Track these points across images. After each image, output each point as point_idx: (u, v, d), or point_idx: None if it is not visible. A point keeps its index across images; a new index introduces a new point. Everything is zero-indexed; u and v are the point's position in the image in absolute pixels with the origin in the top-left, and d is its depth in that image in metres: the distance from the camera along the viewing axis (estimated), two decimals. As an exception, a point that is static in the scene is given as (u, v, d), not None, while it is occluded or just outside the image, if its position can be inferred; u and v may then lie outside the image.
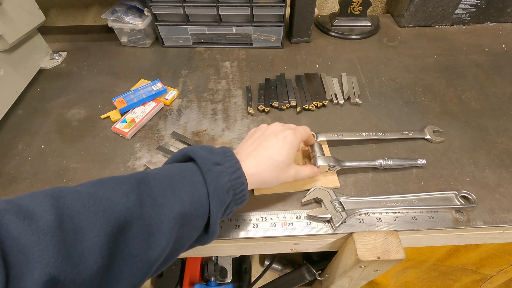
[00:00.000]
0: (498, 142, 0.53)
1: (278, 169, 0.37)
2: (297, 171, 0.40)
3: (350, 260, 0.43)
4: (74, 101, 0.63)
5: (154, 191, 0.29)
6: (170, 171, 0.32)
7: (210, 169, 0.33)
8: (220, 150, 0.36)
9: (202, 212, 0.32)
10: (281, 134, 0.39)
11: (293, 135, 0.39)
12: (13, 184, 0.49)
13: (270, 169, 0.37)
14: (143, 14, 0.74)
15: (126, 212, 0.26)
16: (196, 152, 0.34)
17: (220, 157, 0.35)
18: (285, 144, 0.38)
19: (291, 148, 0.39)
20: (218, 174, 0.33)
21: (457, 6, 0.77)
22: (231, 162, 0.35)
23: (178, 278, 0.85)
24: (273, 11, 0.69)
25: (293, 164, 0.40)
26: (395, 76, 0.67)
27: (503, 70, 0.67)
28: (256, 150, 0.38)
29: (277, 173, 0.38)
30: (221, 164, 0.34)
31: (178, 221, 0.29)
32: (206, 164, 0.33)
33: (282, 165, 0.38)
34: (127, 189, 0.28)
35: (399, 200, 0.44)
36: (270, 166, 0.37)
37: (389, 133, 0.53)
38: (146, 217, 0.27)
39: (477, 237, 0.45)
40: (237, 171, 0.34)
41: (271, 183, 0.38)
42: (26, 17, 0.63)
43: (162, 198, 0.29)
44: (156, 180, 0.30)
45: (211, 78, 0.68)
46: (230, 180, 0.33)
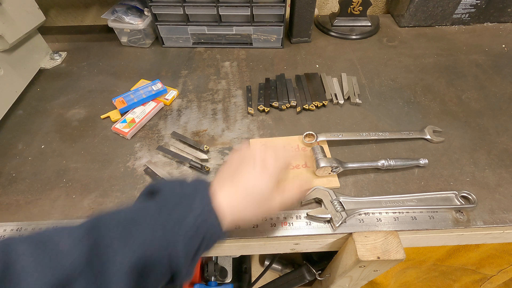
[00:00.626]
0: (498, 142, 0.53)
1: (256, 203, 0.33)
2: (282, 201, 0.35)
3: (350, 260, 0.43)
4: (74, 101, 0.63)
5: (106, 240, 0.26)
6: (129, 215, 0.29)
7: (173, 209, 0.29)
8: (191, 184, 0.32)
9: (165, 259, 0.28)
10: (260, 160, 0.35)
11: (274, 162, 0.35)
12: (13, 184, 0.49)
13: (247, 204, 0.33)
14: (143, 14, 0.74)
15: (72, 267, 0.24)
16: (162, 188, 0.31)
17: (190, 190, 0.31)
18: (264, 172, 0.34)
19: (271, 177, 0.34)
20: (183, 216, 0.29)
21: (457, 6, 0.77)
22: (202, 199, 0.31)
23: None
24: (273, 11, 0.69)
25: (275, 194, 0.34)
26: (395, 76, 0.67)
27: (503, 70, 0.67)
28: (231, 179, 0.34)
29: (256, 208, 0.33)
30: (189, 202, 0.30)
31: (132, 272, 0.26)
32: (169, 203, 0.30)
33: (260, 198, 0.33)
34: (77, 240, 0.26)
35: (399, 200, 0.44)
36: (246, 198, 0.33)
37: (389, 133, 0.53)
38: (96, 271, 0.25)
39: (477, 237, 0.45)
40: (207, 210, 0.30)
41: (251, 220, 0.34)
42: (26, 17, 0.63)
43: (115, 249, 0.26)
44: (109, 227, 0.27)
45: (211, 78, 0.68)
46: (197, 221, 0.29)
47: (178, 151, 0.52)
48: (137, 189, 0.48)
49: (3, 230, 0.43)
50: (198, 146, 0.52)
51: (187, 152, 0.52)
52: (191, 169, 0.50)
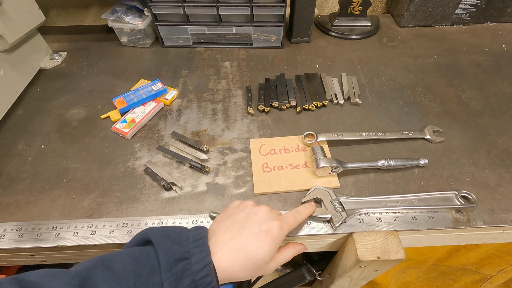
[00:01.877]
0: (498, 142, 0.53)
1: (255, 267, 0.33)
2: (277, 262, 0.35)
3: (350, 260, 0.43)
4: (74, 101, 0.63)
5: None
6: (125, 266, 0.28)
7: (170, 268, 0.28)
8: (191, 237, 0.32)
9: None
10: (265, 225, 0.34)
11: (279, 228, 0.34)
12: (13, 184, 0.49)
13: (245, 267, 0.32)
14: (143, 14, 0.74)
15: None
16: (160, 240, 0.30)
17: (188, 247, 0.30)
18: (267, 239, 0.33)
19: (274, 244, 0.33)
20: (180, 275, 0.28)
21: (457, 6, 0.77)
22: (201, 255, 0.30)
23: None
24: (273, 11, 0.69)
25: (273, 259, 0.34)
26: (395, 76, 0.67)
27: (503, 70, 0.67)
28: (233, 240, 0.33)
29: (252, 271, 0.33)
30: (187, 258, 0.29)
31: None
32: (167, 261, 0.29)
33: (260, 263, 0.33)
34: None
35: (399, 200, 0.44)
36: (246, 263, 0.32)
37: (389, 133, 0.53)
38: None
39: (477, 237, 0.45)
40: (205, 267, 0.29)
41: (245, 278, 0.33)
42: (26, 17, 0.63)
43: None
44: (104, 279, 0.26)
45: (211, 78, 0.68)
46: (195, 280, 0.29)
47: (178, 151, 0.52)
48: (137, 189, 0.48)
49: (3, 230, 0.43)
50: (198, 146, 0.52)
51: (187, 152, 0.52)
52: (191, 169, 0.50)
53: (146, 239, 0.32)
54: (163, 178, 0.48)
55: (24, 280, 0.25)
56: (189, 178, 0.49)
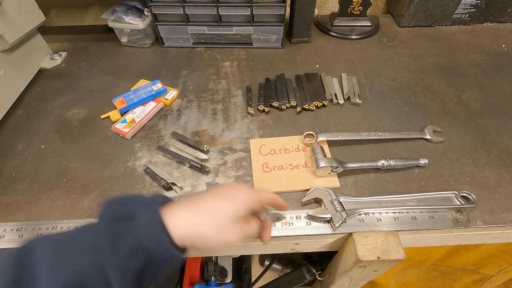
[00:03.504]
0: (498, 142, 0.53)
1: (219, 223, 0.31)
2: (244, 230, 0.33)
3: (350, 260, 0.43)
4: (74, 101, 0.63)
5: (37, 264, 0.25)
6: (68, 235, 0.27)
7: (109, 227, 0.27)
8: (142, 199, 0.30)
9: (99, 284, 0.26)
10: (233, 190, 0.33)
11: (245, 194, 0.33)
12: (13, 184, 0.49)
13: (207, 222, 0.31)
14: (143, 14, 0.74)
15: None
16: (105, 204, 0.29)
17: (136, 207, 0.29)
18: (232, 201, 0.32)
19: (240, 204, 0.32)
20: (120, 234, 0.27)
21: (457, 6, 0.77)
22: (148, 214, 0.28)
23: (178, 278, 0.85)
24: (273, 11, 0.69)
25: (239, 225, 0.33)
26: (395, 76, 0.67)
27: (503, 70, 0.67)
28: (198, 204, 0.32)
29: (216, 228, 0.31)
30: (132, 218, 0.28)
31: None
32: (108, 220, 0.28)
33: (223, 217, 0.31)
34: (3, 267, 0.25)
35: (399, 200, 0.44)
36: (208, 218, 0.31)
37: (389, 133, 0.53)
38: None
39: (477, 237, 0.45)
40: (153, 227, 0.28)
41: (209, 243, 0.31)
42: (26, 17, 0.63)
43: (44, 274, 0.25)
44: (43, 250, 0.26)
45: (211, 78, 0.68)
46: (140, 240, 0.27)
47: (178, 151, 0.52)
48: (137, 189, 0.48)
49: (3, 230, 0.43)
50: (198, 146, 0.52)
51: (187, 152, 0.52)
52: (191, 169, 0.50)
53: None
54: (163, 178, 0.48)
55: None
56: (189, 178, 0.49)
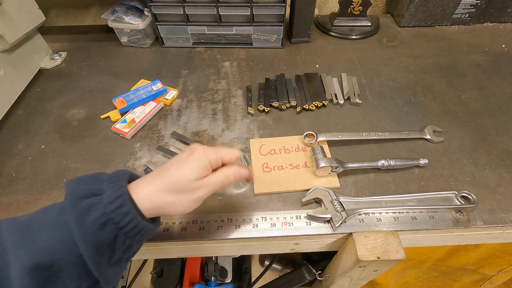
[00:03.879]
0: (498, 142, 0.53)
1: (179, 188, 0.31)
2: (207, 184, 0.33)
3: (350, 260, 0.43)
4: (74, 101, 0.63)
5: (5, 246, 0.25)
6: (32, 216, 0.28)
7: (75, 205, 0.27)
8: (106, 176, 0.31)
9: (73, 260, 0.26)
10: (187, 155, 0.33)
11: (202, 150, 0.33)
12: (13, 184, 0.49)
13: (168, 189, 0.31)
14: (143, 14, 0.74)
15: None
16: (70, 183, 0.29)
17: (100, 185, 0.29)
18: (188, 159, 0.32)
19: (196, 164, 0.32)
20: (87, 209, 0.27)
21: (457, 6, 0.77)
22: (112, 189, 0.29)
23: (178, 278, 0.85)
24: (273, 11, 0.69)
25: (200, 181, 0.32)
26: (395, 76, 0.67)
27: (503, 70, 0.67)
28: (159, 174, 0.32)
29: (178, 193, 0.31)
30: (97, 194, 0.28)
31: (37, 276, 0.25)
32: (72, 198, 0.28)
33: (182, 182, 0.31)
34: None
35: (399, 200, 0.44)
36: (167, 184, 0.31)
37: (389, 133, 0.53)
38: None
39: (477, 237, 0.45)
40: (117, 198, 0.28)
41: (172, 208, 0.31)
42: (26, 17, 0.63)
43: (13, 252, 0.25)
44: (7, 231, 0.26)
45: (211, 78, 0.68)
46: (106, 212, 0.27)
47: (178, 151, 0.52)
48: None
49: (3, 230, 0.43)
50: (198, 146, 0.52)
51: (187, 152, 0.52)
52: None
53: None
54: None
55: None
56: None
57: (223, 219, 0.44)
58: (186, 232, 0.42)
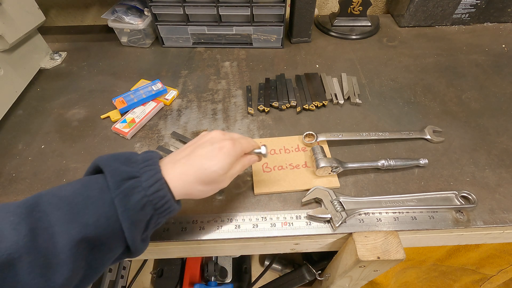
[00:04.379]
0: (498, 142, 0.53)
1: (209, 179, 0.33)
2: (231, 174, 0.36)
3: (350, 260, 0.43)
4: (74, 101, 0.63)
5: (50, 218, 0.27)
6: (74, 191, 0.29)
7: (119, 186, 0.29)
8: (140, 158, 0.33)
9: (114, 234, 0.29)
10: (218, 144, 0.35)
11: (232, 145, 0.35)
12: (13, 184, 0.49)
13: (199, 180, 0.33)
14: (143, 14, 0.74)
15: (12, 248, 0.24)
16: (107, 163, 0.31)
17: (137, 167, 0.31)
18: (219, 154, 0.34)
19: (227, 159, 0.34)
20: (130, 191, 0.29)
21: (457, 6, 0.77)
22: (150, 172, 0.31)
23: (178, 278, 0.85)
24: (273, 11, 0.69)
25: (228, 174, 0.35)
26: (395, 76, 0.67)
27: (503, 70, 0.67)
28: (187, 158, 0.34)
29: (207, 183, 0.34)
30: (136, 177, 0.30)
31: (82, 247, 0.27)
32: (115, 180, 0.29)
33: (213, 176, 0.33)
34: (16, 220, 0.26)
35: (399, 200, 0.44)
36: (199, 176, 0.33)
37: (389, 133, 0.53)
38: (41, 249, 0.25)
39: (477, 237, 0.45)
40: (156, 183, 0.30)
41: (201, 195, 0.34)
42: (26, 17, 0.63)
43: (60, 226, 0.26)
44: (53, 204, 0.27)
45: (211, 78, 0.68)
46: (146, 195, 0.30)
47: (178, 151, 0.52)
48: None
49: (3, 230, 0.43)
50: (198, 146, 0.52)
51: (187, 152, 0.52)
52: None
53: (96, 168, 0.32)
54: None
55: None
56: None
57: (223, 219, 0.44)
58: (186, 232, 0.42)
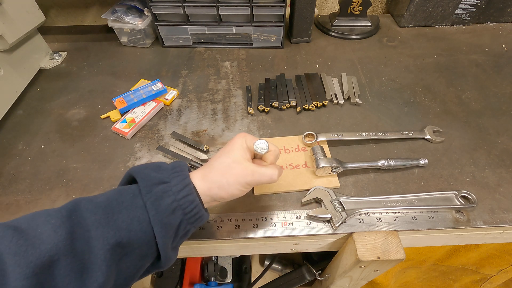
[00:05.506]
0: (498, 142, 0.53)
1: (224, 168, 0.33)
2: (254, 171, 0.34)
3: (350, 260, 0.43)
4: (74, 101, 0.63)
5: (87, 222, 0.28)
6: (108, 197, 0.30)
7: (150, 190, 0.30)
8: (169, 166, 0.34)
9: (146, 239, 0.29)
10: (231, 143, 0.36)
11: (243, 135, 0.36)
12: (13, 184, 0.49)
13: (214, 171, 0.33)
14: (143, 14, 0.74)
15: (52, 250, 0.25)
16: (139, 171, 0.32)
17: (167, 174, 0.32)
18: (232, 144, 0.35)
19: (241, 149, 0.35)
20: (161, 195, 0.30)
21: (457, 6, 0.77)
22: (179, 178, 0.32)
23: (178, 278, 0.85)
24: (273, 11, 0.69)
25: (245, 165, 0.34)
26: (395, 76, 0.67)
27: (503, 70, 0.67)
28: (210, 166, 0.34)
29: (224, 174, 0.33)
30: (166, 182, 0.31)
31: (116, 252, 0.28)
32: (146, 184, 0.30)
33: (227, 162, 0.34)
34: (56, 223, 0.27)
35: (399, 200, 0.44)
36: (215, 166, 0.34)
37: (389, 133, 0.53)
38: (77, 252, 0.26)
39: (477, 237, 0.45)
40: (185, 188, 0.31)
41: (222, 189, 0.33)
42: (26, 17, 0.63)
43: (96, 230, 0.27)
44: (89, 210, 0.28)
45: (211, 78, 0.68)
46: (176, 199, 0.30)
47: (178, 151, 0.52)
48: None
49: (3, 230, 0.43)
50: (198, 146, 0.52)
51: (187, 152, 0.52)
52: (192, 169, 0.50)
53: (129, 178, 0.33)
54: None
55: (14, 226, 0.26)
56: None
57: (223, 219, 0.44)
58: (186, 232, 0.42)
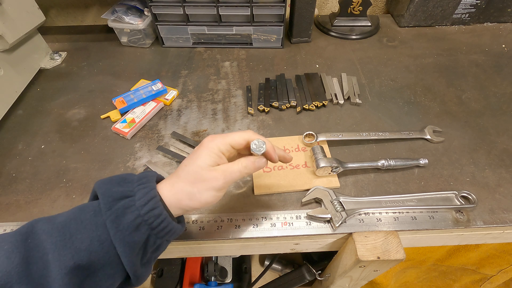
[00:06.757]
0: (498, 142, 0.53)
1: (196, 176, 0.31)
2: (224, 171, 0.32)
3: (350, 260, 0.43)
4: (74, 101, 0.63)
5: (44, 245, 0.26)
6: (68, 216, 0.28)
7: (110, 207, 0.28)
8: (135, 178, 0.31)
9: (109, 260, 0.27)
10: (199, 147, 0.33)
11: (210, 138, 0.33)
12: (13, 184, 0.49)
13: (188, 180, 0.31)
14: (143, 14, 0.74)
15: (3, 279, 0.24)
16: (100, 185, 0.30)
17: (131, 186, 0.30)
18: (199, 150, 0.32)
19: (207, 151, 0.32)
20: (122, 212, 0.28)
21: (457, 6, 0.77)
22: (144, 190, 0.29)
23: (178, 278, 0.85)
24: (273, 11, 0.69)
25: (215, 169, 0.32)
26: (395, 76, 0.67)
27: (503, 70, 0.67)
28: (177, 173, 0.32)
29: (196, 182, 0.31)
30: (129, 196, 0.29)
31: (76, 276, 0.26)
32: (107, 201, 0.28)
33: (198, 170, 0.31)
34: (10, 248, 0.25)
35: (399, 200, 0.44)
36: (182, 176, 0.31)
37: (389, 133, 0.53)
38: (34, 278, 0.25)
39: (477, 237, 0.45)
40: (150, 201, 0.29)
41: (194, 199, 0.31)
42: (26, 17, 0.63)
43: (53, 253, 0.26)
44: (46, 231, 0.27)
45: (211, 78, 0.68)
46: (140, 215, 0.28)
47: (178, 151, 0.52)
48: (137, 189, 0.48)
49: (3, 230, 0.43)
50: (198, 146, 0.52)
51: (187, 152, 0.52)
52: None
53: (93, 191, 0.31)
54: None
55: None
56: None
57: (223, 219, 0.44)
58: (186, 232, 0.42)
